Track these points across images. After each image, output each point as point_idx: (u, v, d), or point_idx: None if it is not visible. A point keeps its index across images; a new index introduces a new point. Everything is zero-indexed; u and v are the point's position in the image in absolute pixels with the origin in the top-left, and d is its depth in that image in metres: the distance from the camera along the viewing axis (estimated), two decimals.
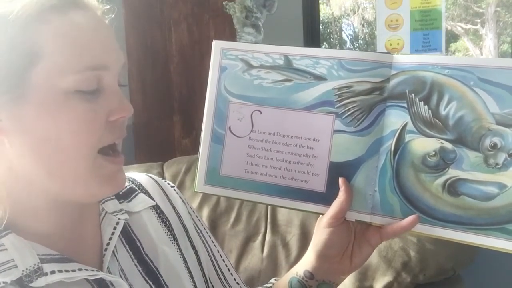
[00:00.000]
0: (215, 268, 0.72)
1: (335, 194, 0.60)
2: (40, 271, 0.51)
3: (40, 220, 0.55)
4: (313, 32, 2.35)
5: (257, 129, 0.62)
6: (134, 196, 0.67)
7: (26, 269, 0.51)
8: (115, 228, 0.61)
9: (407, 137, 0.57)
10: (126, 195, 0.66)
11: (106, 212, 0.62)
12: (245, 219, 1.44)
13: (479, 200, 0.55)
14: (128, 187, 0.67)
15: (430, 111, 0.56)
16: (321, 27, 2.55)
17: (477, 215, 0.55)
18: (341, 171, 0.60)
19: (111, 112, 0.53)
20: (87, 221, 0.60)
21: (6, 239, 0.52)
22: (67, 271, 0.53)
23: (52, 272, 0.52)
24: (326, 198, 0.61)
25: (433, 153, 0.56)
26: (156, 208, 0.68)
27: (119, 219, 0.62)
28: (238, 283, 0.75)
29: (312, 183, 0.61)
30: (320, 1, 2.38)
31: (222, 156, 0.63)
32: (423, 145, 0.57)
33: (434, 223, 0.57)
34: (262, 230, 1.43)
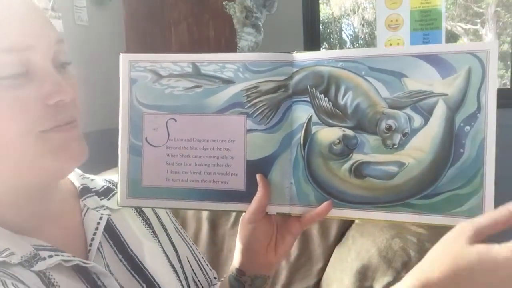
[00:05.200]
0: (197, 262, 0.76)
1: (255, 191, 0.62)
2: (38, 256, 0.52)
3: (18, 213, 0.55)
4: (313, 32, 2.36)
5: (173, 137, 0.64)
6: (113, 195, 0.67)
7: (24, 255, 0.51)
8: (98, 223, 0.61)
9: (313, 128, 0.61)
10: (105, 193, 0.67)
11: (88, 208, 0.62)
12: None
13: (382, 179, 0.58)
14: (105, 186, 0.69)
15: (330, 102, 0.60)
16: (321, 27, 2.55)
17: (382, 194, 0.59)
18: (258, 168, 0.62)
19: (47, 96, 0.51)
20: (68, 216, 0.61)
21: None
22: (62, 255, 0.54)
23: (50, 256, 0.52)
24: (246, 196, 0.63)
25: (337, 141, 0.60)
26: (136, 207, 0.69)
27: (102, 214, 0.62)
28: (215, 277, 0.79)
29: (232, 183, 0.63)
30: (320, 1, 2.38)
31: (141, 167, 0.64)
32: (327, 134, 0.60)
33: (345, 205, 0.60)
34: None
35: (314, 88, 0.60)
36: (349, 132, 0.60)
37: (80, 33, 1.80)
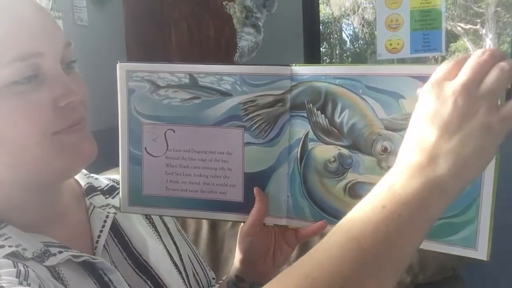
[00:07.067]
0: (198, 261, 0.77)
1: (253, 202, 0.63)
2: (49, 252, 0.54)
3: (26, 212, 0.57)
4: (313, 32, 2.36)
5: (172, 147, 0.64)
6: (117, 194, 0.69)
7: (35, 251, 0.53)
8: (105, 221, 0.63)
9: (310, 145, 0.60)
10: (109, 192, 0.69)
11: (95, 207, 0.64)
12: None
13: None
14: (110, 184, 0.70)
15: (326, 119, 0.59)
16: (321, 27, 2.55)
17: None
18: (255, 180, 0.63)
19: (58, 98, 0.53)
20: (74, 214, 0.63)
21: (6, 229, 0.54)
22: (72, 251, 0.55)
23: (60, 252, 0.54)
24: (244, 207, 0.64)
25: (333, 159, 0.59)
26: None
27: (108, 212, 0.64)
28: (213, 278, 0.81)
29: (230, 194, 0.64)
30: (320, 1, 2.39)
31: (142, 176, 0.65)
32: (323, 152, 0.60)
33: None
34: None
35: (311, 104, 0.60)
36: (345, 151, 0.59)
37: (80, 33, 1.80)
